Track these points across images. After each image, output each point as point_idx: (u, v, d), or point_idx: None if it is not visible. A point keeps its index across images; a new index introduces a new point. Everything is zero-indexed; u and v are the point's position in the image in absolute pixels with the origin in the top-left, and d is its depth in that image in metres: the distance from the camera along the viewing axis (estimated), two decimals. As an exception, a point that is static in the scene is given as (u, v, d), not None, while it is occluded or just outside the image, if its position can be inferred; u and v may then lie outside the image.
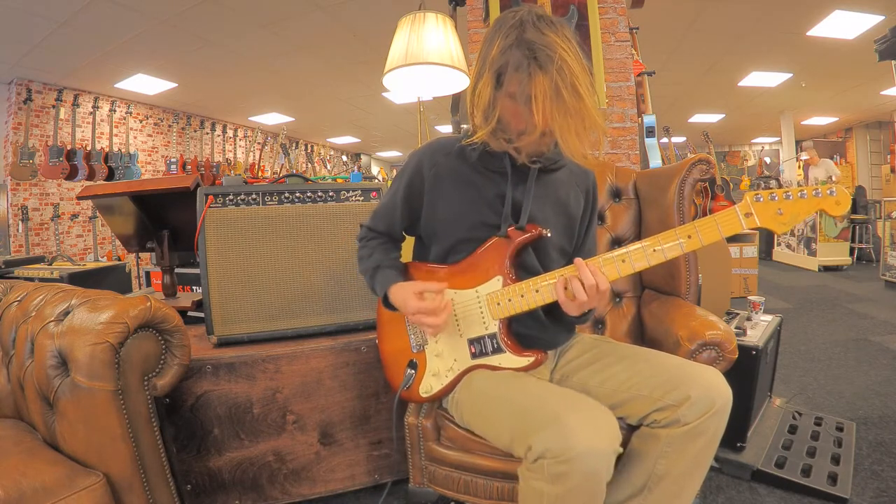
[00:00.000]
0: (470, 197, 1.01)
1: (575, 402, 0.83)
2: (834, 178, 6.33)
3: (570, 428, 0.75)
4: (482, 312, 0.99)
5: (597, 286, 0.86)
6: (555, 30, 0.85)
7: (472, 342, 1.00)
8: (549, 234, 1.00)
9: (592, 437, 0.75)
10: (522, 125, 0.88)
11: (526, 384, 0.92)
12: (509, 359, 0.98)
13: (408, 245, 1.19)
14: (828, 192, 0.77)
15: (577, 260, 0.89)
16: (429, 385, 1.05)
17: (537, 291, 0.93)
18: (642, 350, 1.02)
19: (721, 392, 0.86)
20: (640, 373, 0.93)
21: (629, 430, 0.95)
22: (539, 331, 1.04)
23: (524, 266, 1.01)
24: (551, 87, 0.81)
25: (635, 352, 1.01)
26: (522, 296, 0.95)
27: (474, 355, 1.00)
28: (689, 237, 0.85)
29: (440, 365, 1.04)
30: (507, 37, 0.85)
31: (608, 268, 0.89)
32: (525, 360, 0.97)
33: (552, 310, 0.98)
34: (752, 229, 0.83)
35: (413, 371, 1.06)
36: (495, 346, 0.98)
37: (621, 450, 0.78)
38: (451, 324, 1.02)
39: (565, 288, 0.89)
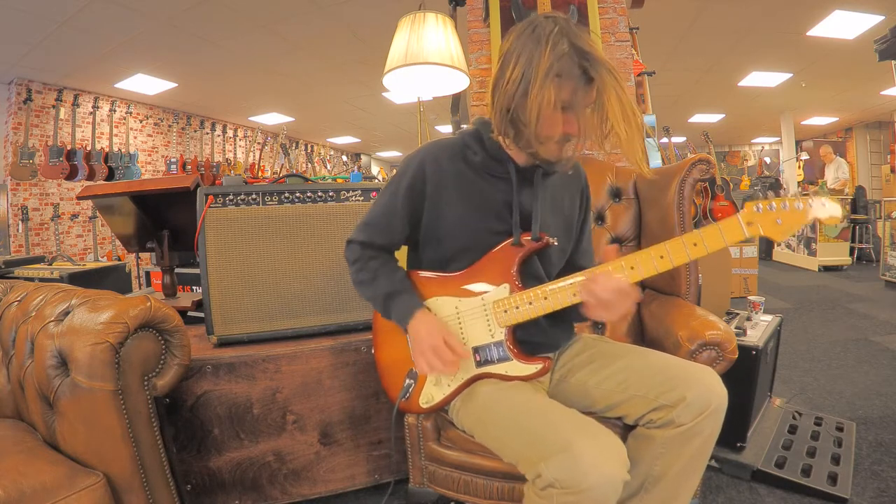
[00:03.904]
0: (476, 203, 0.99)
1: (584, 427, 0.81)
2: (839, 178, 6.33)
3: (582, 458, 0.73)
4: (488, 320, 0.98)
5: (618, 289, 0.85)
6: (593, 42, 0.85)
7: (476, 350, 0.99)
8: (555, 243, 0.99)
9: (604, 467, 0.73)
10: (553, 132, 0.88)
11: (531, 402, 0.89)
12: (516, 366, 0.96)
13: (401, 252, 1.15)
14: (821, 203, 0.83)
15: (587, 273, 0.89)
16: (429, 395, 1.02)
17: (546, 298, 0.93)
18: (640, 350, 1.02)
19: (717, 393, 0.86)
20: (637, 373, 0.93)
21: (626, 429, 0.95)
22: (541, 336, 1.03)
23: (528, 272, 1.00)
24: (617, 98, 0.83)
25: (633, 351, 1.01)
26: (531, 303, 0.94)
27: (479, 363, 0.98)
28: (695, 245, 0.86)
29: (442, 374, 1.01)
30: (558, 44, 0.83)
31: (617, 274, 0.89)
32: (532, 368, 0.95)
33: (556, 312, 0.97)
34: (753, 237, 0.86)
35: (412, 381, 1.03)
36: (501, 353, 0.97)
37: (629, 477, 0.77)
38: (455, 333, 1.00)
39: (580, 292, 0.88)
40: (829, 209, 0.83)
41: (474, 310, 0.99)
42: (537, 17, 0.89)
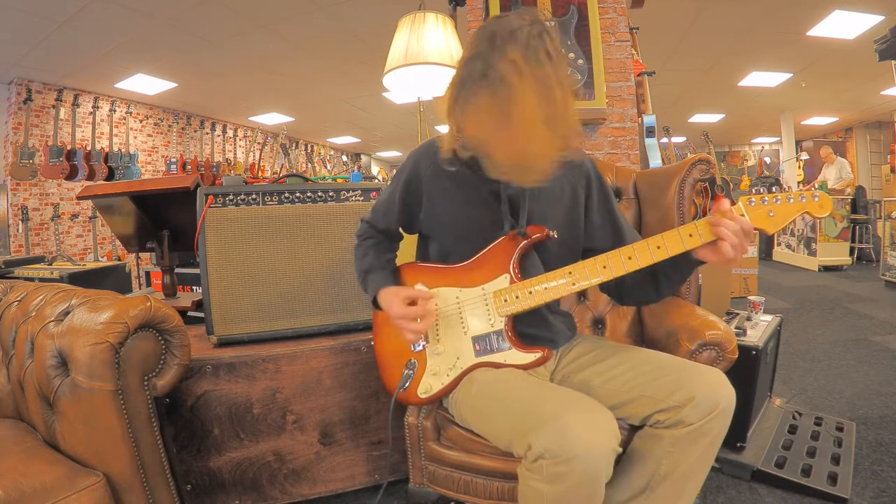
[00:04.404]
0: (467, 196, 1.02)
1: (575, 401, 0.83)
2: (842, 178, 6.33)
3: (570, 428, 0.74)
4: (488, 310, 1.00)
5: (742, 229, 0.85)
6: (522, 46, 0.84)
7: (476, 340, 1.00)
8: (555, 236, 1.00)
9: (592, 438, 0.75)
10: (475, 133, 0.91)
11: (526, 383, 0.91)
12: (515, 355, 0.98)
13: (409, 244, 1.18)
14: (812, 196, 0.87)
15: (718, 214, 0.86)
16: (428, 385, 1.03)
17: (546, 288, 0.95)
18: (645, 351, 1.02)
19: (725, 393, 0.86)
20: (643, 374, 0.93)
21: (631, 430, 0.95)
22: (543, 330, 1.04)
23: (528, 264, 1.01)
24: (521, 100, 0.83)
25: (638, 352, 1.01)
26: (530, 292, 0.96)
27: (479, 353, 1.00)
28: (691, 235, 0.89)
29: (441, 364, 1.03)
30: (475, 46, 0.88)
31: (614, 263, 0.91)
32: (531, 357, 0.97)
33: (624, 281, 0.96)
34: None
35: (411, 372, 1.04)
36: (501, 343, 0.99)
37: (620, 450, 0.78)
38: (456, 322, 1.02)
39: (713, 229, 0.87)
40: (819, 200, 0.86)
41: (475, 299, 1.01)
42: (493, 19, 0.93)
